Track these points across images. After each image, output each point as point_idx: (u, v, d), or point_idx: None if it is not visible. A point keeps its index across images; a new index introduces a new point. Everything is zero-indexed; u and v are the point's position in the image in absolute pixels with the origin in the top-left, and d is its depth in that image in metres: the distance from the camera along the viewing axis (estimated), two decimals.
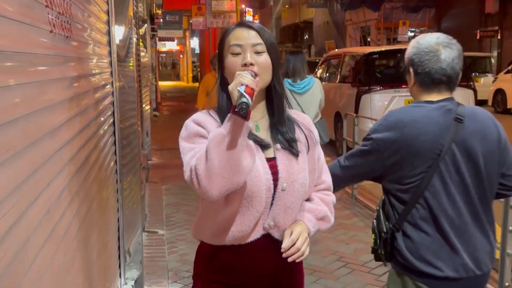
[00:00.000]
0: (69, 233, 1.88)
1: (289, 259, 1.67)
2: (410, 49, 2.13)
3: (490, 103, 15.77)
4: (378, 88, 8.50)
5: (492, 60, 19.28)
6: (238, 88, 1.52)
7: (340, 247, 4.77)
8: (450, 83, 2.09)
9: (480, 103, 11.54)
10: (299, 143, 1.79)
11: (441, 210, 2.02)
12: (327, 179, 1.92)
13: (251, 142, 1.59)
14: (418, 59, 2.09)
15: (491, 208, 2.12)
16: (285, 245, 1.68)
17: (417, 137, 2.01)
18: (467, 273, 2.02)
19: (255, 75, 1.61)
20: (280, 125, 1.77)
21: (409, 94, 2.28)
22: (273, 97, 1.77)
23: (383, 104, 8.38)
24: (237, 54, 1.70)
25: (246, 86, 1.52)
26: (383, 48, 9.91)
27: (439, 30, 24.99)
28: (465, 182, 2.03)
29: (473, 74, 15.63)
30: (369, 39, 27.18)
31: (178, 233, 5.18)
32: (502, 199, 3.46)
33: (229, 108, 1.58)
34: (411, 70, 2.14)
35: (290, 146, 1.75)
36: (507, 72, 15.42)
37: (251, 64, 1.67)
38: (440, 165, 2.00)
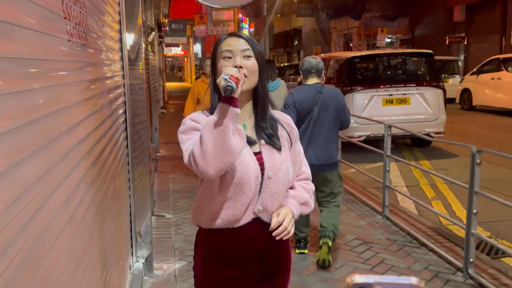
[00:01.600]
0: (86, 218, 1.88)
1: (277, 238, 1.71)
2: (300, 63, 3.98)
3: (457, 101, 15.71)
4: (359, 88, 8.47)
5: (460, 63, 19.23)
6: (223, 75, 1.56)
7: None
8: (317, 73, 3.94)
9: (449, 101, 11.49)
10: (282, 138, 1.82)
11: (309, 134, 3.87)
12: (307, 170, 1.96)
13: (240, 126, 1.62)
14: (302, 65, 3.97)
15: (335, 134, 3.97)
16: (273, 225, 1.71)
17: (302, 100, 3.86)
18: (311, 162, 3.48)
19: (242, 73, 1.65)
20: (262, 122, 1.80)
21: (386, 93, 2.73)
22: (258, 99, 1.79)
23: (363, 102, 8.36)
24: (228, 58, 1.73)
25: (231, 75, 1.56)
26: (364, 53, 9.85)
27: (412, 36, 24.97)
28: (323, 122, 3.87)
29: (443, 75, 15.60)
30: (351, 45, 27.13)
31: (183, 217, 5.17)
32: (467, 186, 3.68)
33: None
34: (300, 72, 4.00)
35: (271, 140, 1.78)
36: (473, 73, 15.40)
37: (241, 67, 1.69)
38: (312, 114, 3.85)
